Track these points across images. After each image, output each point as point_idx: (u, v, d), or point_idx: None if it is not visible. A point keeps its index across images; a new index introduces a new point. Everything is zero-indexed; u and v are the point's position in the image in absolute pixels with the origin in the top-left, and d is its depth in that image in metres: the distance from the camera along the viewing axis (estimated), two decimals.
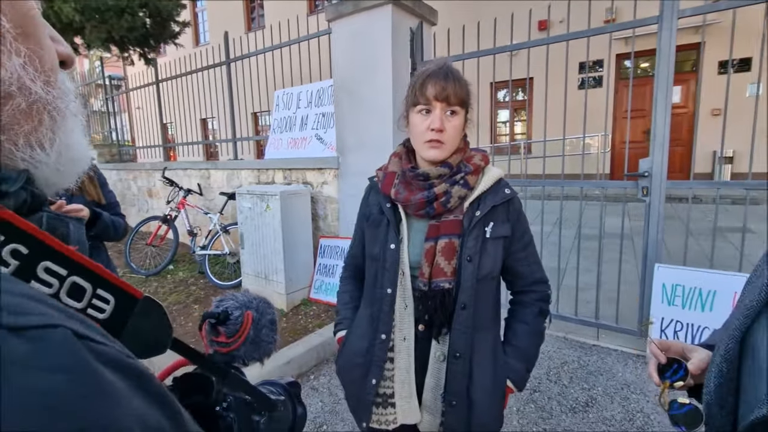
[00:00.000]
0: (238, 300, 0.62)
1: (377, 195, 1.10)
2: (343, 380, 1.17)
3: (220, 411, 0.52)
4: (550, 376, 2.46)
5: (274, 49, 4.14)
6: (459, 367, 1.00)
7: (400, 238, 1.03)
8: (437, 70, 0.98)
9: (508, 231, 1.03)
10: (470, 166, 1.02)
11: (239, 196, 3.63)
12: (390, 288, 1.02)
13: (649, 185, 2.38)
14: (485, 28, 3.06)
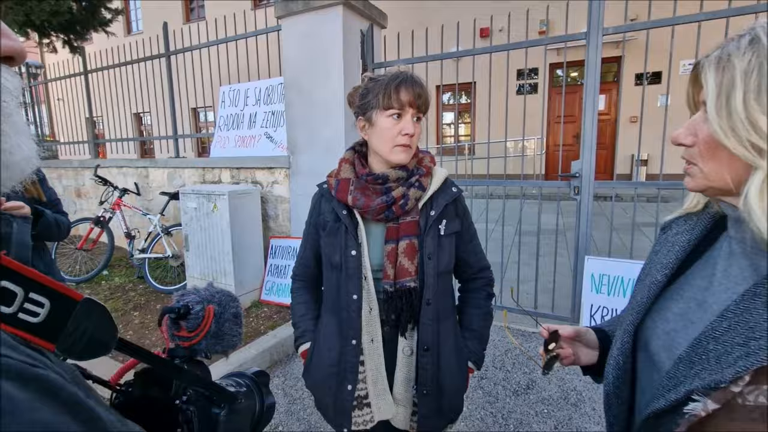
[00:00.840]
0: (200, 294, 0.63)
1: (329, 202, 1.10)
2: (316, 392, 1.16)
3: (179, 404, 0.53)
4: (495, 364, 2.64)
5: (220, 44, 3.99)
6: (428, 359, 1.06)
7: (360, 243, 1.04)
8: (407, 77, 1.00)
9: (459, 226, 1.11)
10: (423, 168, 1.07)
11: (183, 196, 3.47)
12: (356, 294, 1.04)
13: (580, 185, 2.63)
14: (432, 33, 3.19)
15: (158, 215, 4.01)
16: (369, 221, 1.07)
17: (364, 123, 1.05)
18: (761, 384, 0.47)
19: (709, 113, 0.52)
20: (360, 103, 1.05)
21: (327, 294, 1.15)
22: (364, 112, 1.04)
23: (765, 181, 0.48)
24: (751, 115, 0.48)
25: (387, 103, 0.99)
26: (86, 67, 5.41)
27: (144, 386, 0.54)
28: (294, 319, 1.22)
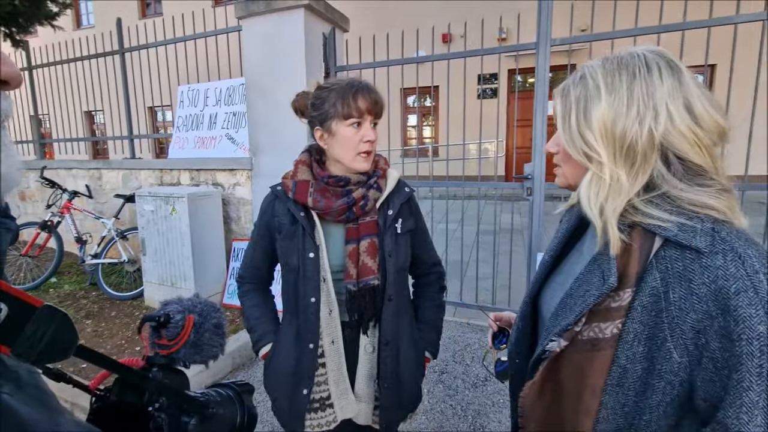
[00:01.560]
0: (183, 304, 0.64)
1: (284, 204, 1.09)
2: (273, 395, 1.16)
3: (152, 411, 0.54)
4: (455, 358, 2.74)
5: (178, 42, 3.89)
6: (389, 353, 1.10)
7: (318, 245, 1.05)
8: (361, 85, 1.02)
9: (414, 224, 1.17)
10: (379, 170, 1.12)
11: (140, 199, 3.36)
12: (314, 297, 1.04)
13: (532, 186, 2.78)
14: (395, 37, 3.27)
15: (112, 219, 3.85)
16: (327, 223, 1.08)
17: (323, 133, 1.05)
18: (591, 323, 0.64)
19: (558, 130, 0.69)
20: (316, 113, 1.04)
21: (285, 297, 1.14)
22: (322, 122, 1.03)
23: (591, 178, 0.64)
24: (581, 131, 0.64)
25: (347, 112, 0.99)
26: (30, 62, 5.10)
27: (120, 392, 0.55)
28: (249, 323, 1.18)
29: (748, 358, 0.51)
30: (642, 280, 0.60)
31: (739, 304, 0.52)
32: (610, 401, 0.63)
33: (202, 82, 4.00)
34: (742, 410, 0.52)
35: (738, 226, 0.59)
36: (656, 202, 0.60)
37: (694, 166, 0.60)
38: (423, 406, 2.29)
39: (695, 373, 0.57)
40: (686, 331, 0.56)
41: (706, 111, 0.60)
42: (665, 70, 0.61)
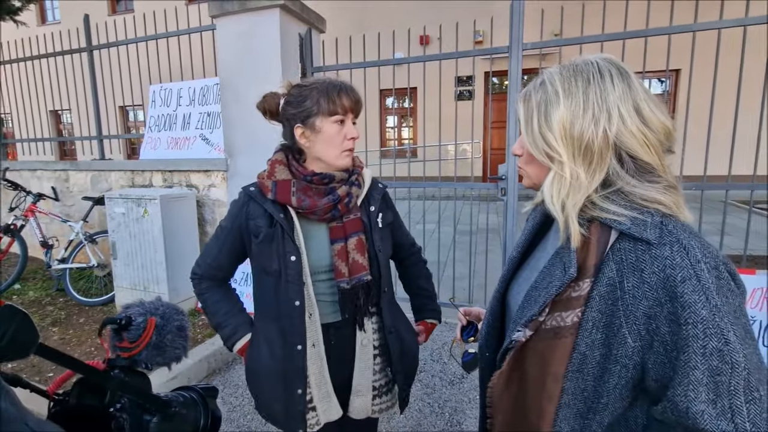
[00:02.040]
0: (145, 307, 0.65)
1: (259, 206, 1.06)
2: (262, 399, 1.14)
3: (113, 412, 0.55)
4: (433, 357, 2.77)
5: (149, 40, 3.80)
6: (395, 339, 1.14)
7: (299, 247, 1.03)
8: (343, 84, 1.03)
9: (392, 217, 1.21)
10: (357, 168, 1.13)
11: (110, 201, 3.26)
12: (297, 300, 1.03)
13: (506, 186, 2.84)
14: (373, 39, 3.29)
15: (81, 222, 3.72)
16: (306, 223, 1.07)
17: (305, 130, 1.03)
18: (554, 312, 0.67)
19: (522, 130, 0.72)
20: (296, 111, 1.03)
21: (261, 301, 1.11)
22: (304, 119, 1.02)
23: (553, 177, 0.68)
24: (543, 133, 0.68)
25: (332, 109, 1.00)
26: None
27: (80, 395, 0.55)
28: (216, 319, 1.15)
29: (693, 340, 0.55)
30: (600, 271, 0.64)
31: (685, 291, 0.56)
32: (571, 386, 0.66)
33: (175, 81, 3.91)
34: (689, 388, 0.56)
35: (683, 220, 0.64)
36: (612, 198, 0.64)
37: (644, 164, 0.64)
38: None
39: (647, 356, 0.60)
40: (639, 318, 0.60)
41: (652, 113, 0.64)
42: (616, 76, 0.65)
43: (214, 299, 1.16)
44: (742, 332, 0.56)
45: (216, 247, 1.15)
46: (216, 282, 1.18)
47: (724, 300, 0.56)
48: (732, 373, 0.54)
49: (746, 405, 0.54)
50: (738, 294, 0.59)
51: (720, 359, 0.54)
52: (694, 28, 2.37)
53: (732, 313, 0.56)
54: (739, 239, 3.26)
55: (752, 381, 0.54)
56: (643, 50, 2.51)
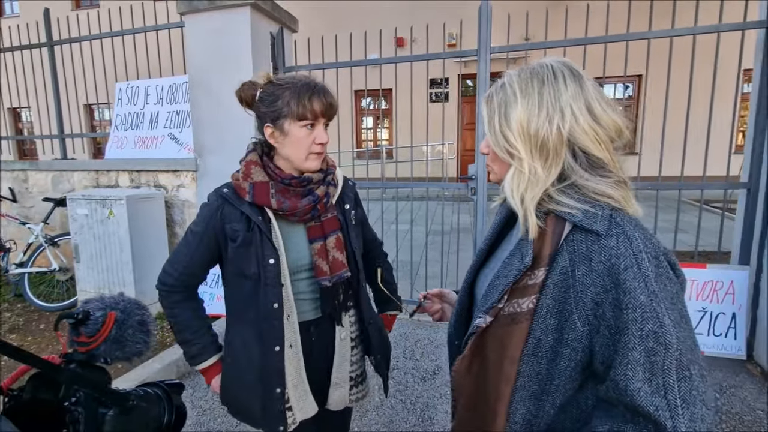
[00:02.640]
0: (104, 301, 0.64)
1: (235, 209, 1.03)
2: (239, 402, 1.11)
3: (68, 405, 0.54)
4: (405, 354, 2.80)
5: (115, 36, 3.68)
6: (375, 330, 1.20)
7: (277, 249, 1.02)
8: (317, 87, 1.01)
9: (362, 214, 1.25)
10: (331, 167, 1.14)
11: (72, 202, 3.14)
12: (276, 302, 1.02)
13: (476, 186, 2.91)
14: (344, 39, 3.30)
15: (41, 224, 3.56)
16: (284, 224, 1.07)
17: (274, 131, 1.03)
18: (512, 299, 0.71)
19: (486, 130, 0.76)
20: (267, 110, 1.02)
21: (236, 305, 1.09)
22: (274, 120, 1.01)
23: (513, 173, 0.72)
24: (503, 132, 0.72)
25: (301, 114, 0.98)
26: None
27: (35, 390, 0.55)
28: (185, 336, 1.11)
29: (632, 323, 0.59)
30: (554, 260, 0.68)
31: (626, 278, 0.61)
32: (526, 369, 0.70)
33: (142, 78, 3.81)
34: (628, 367, 0.60)
35: (631, 213, 0.69)
36: (567, 191, 0.68)
37: (596, 160, 0.69)
38: (373, 403, 2.33)
39: (595, 340, 0.65)
40: (587, 304, 0.64)
41: (603, 111, 0.69)
42: (569, 77, 0.70)
43: (185, 316, 1.12)
44: (677, 316, 0.61)
45: (187, 253, 1.09)
46: (187, 293, 1.13)
47: (662, 287, 0.61)
48: (666, 353, 0.58)
49: (678, 383, 0.58)
50: (676, 282, 0.64)
51: (655, 341, 0.58)
52: (649, 35, 2.51)
53: (669, 299, 0.61)
54: (693, 236, 3.45)
55: (684, 361, 0.59)
56: (602, 55, 2.63)
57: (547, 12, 2.71)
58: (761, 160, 2.49)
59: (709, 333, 2.58)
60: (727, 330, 2.55)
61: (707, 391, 0.59)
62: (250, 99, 1.06)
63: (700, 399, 0.58)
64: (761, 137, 2.47)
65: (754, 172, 2.52)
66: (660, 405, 0.58)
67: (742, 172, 2.64)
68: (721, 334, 2.56)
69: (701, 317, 2.59)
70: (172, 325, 1.13)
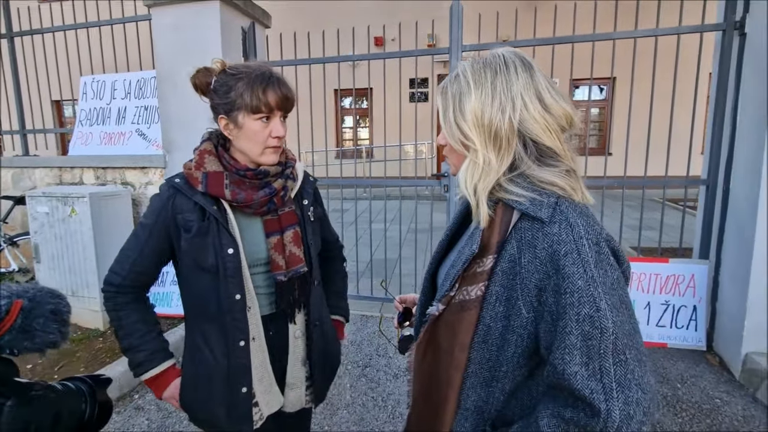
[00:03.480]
0: (11, 290, 0.61)
1: (187, 199, 0.99)
2: (201, 407, 1.06)
3: None
4: (379, 352, 2.80)
5: (80, 28, 3.55)
6: (318, 333, 1.15)
7: (235, 239, 0.99)
8: (272, 78, 0.97)
9: (322, 211, 1.22)
10: (291, 160, 1.11)
11: (31, 200, 3.01)
12: (239, 294, 0.99)
13: (449, 183, 2.93)
14: (323, 36, 3.28)
15: None
16: (240, 216, 1.03)
17: (228, 122, 0.99)
18: (462, 287, 0.72)
19: (441, 124, 0.76)
20: (221, 101, 0.98)
21: (194, 300, 1.04)
22: (228, 111, 0.97)
23: (468, 163, 0.72)
24: (458, 123, 0.72)
25: (255, 106, 0.94)
26: None
27: None
28: (130, 342, 1.04)
29: (570, 308, 0.60)
30: (503, 248, 0.69)
31: (566, 263, 0.62)
32: (477, 356, 0.71)
33: (109, 73, 3.68)
34: (565, 351, 0.60)
35: (578, 201, 0.69)
36: (516, 180, 0.69)
37: (546, 149, 0.70)
38: (344, 401, 2.32)
39: (540, 326, 0.65)
40: (532, 290, 0.65)
41: (554, 100, 0.70)
42: (520, 67, 0.71)
43: (132, 319, 1.05)
44: (616, 301, 0.61)
45: (137, 248, 1.03)
46: (135, 295, 1.07)
47: (602, 273, 0.62)
48: (602, 337, 0.59)
49: (614, 367, 0.59)
50: (617, 269, 0.65)
51: (591, 324, 0.59)
52: (614, 36, 2.57)
53: (608, 285, 0.61)
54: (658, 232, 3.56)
55: (620, 345, 0.59)
56: (572, 55, 2.69)
57: (517, 12, 2.75)
58: (719, 158, 2.58)
59: (672, 325, 2.66)
60: (689, 322, 2.64)
61: (645, 375, 0.60)
62: (204, 86, 1.02)
63: (636, 383, 0.59)
64: (719, 136, 2.57)
65: (712, 169, 2.61)
66: (595, 388, 0.58)
67: (702, 168, 2.74)
68: (683, 326, 2.65)
69: (665, 310, 2.67)
70: (116, 329, 1.05)
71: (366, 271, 4.11)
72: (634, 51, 2.62)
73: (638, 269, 2.68)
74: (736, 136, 2.46)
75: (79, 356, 2.65)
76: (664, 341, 2.66)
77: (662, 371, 2.48)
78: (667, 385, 2.36)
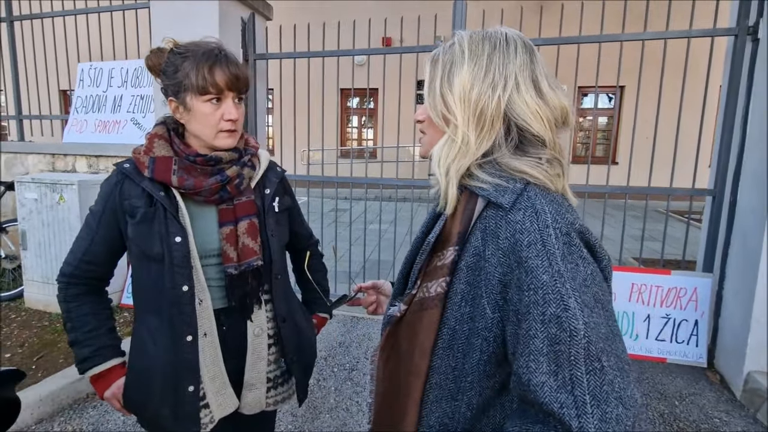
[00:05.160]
0: None
1: (135, 185, 0.94)
2: (145, 408, 0.99)
3: None
4: (366, 355, 2.71)
5: (79, 14, 3.51)
6: (289, 329, 1.09)
7: (184, 227, 0.93)
8: (219, 55, 0.91)
9: (290, 202, 1.14)
10: (251, 148, 1.05)
11: (20, 186, 2.96)
12: (186, 285, 0.93)
13: None
14: (316, 33, 3.22)
15: None
16: (192, 204, 0.97)
17: (177, 105, 0.93)
18: (423, 283, 0.66)
19: (424, 93, 0.69)
20: (169, 82, 0.92)
21: (142, 292, 0.99)
22: (176, 93, 0.92)
23: (446, 140, 0.65)
24: (443, 94, 0.65)
25: (202, 87, 0.88)
26: None
27: None
28: (76, 335, 0.98)
29: (534, 307, 0.52)
30: (467, 241, 0.62)
31: (529, 255, 0.54)
32: (441, 364, 0.63)
33: (107, 60, 3.64)
34: (530, 358, 0.52)
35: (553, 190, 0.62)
36: (484, 167, 0.63)
37: (532, 137, 0.63)
38: (328, 404, 2.24)
39: (506, 328, 0.57)
40: (495, 286, 0.58)
41: (550, 89, 0.63)
42: (521, 47, 0.64)
43: (82, 311, 0.99)
44: (590, 300, 0.52)
45: (87, 237, 0.98)
46: (89, 287, 1.01)
47: (572, 267, 0.53)
48: (571, 341, 0.49)
49: (587, 376, 0.49)
50: (591, 262, 0.56)
51: (558, 326, 0.50)
52: (622, 38, 2.49)
53: (579, 280, 0.53)
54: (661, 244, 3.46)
55: (593, 350, 0.49)
56: (577, 56, 2.61)
57: (522, 11, 2.68)
58: (726, 168, 2.49)
59: (672, 340, 2.57)
60: (690, 337, 2.54)
61: (627, 387, 0.50)
62: (157, 68, 0.96)
63: (616, 396, 0.48)
64: (728, 145, 2.48)
65: (719, 179, 2.52)
66: (565, 402, 0.49)
67: (709, 179, 2.65)
68: (683, 341, 2.55)
69: (665, 323, 2.58)
70: (64, 322, 0.99)
71: (360, 273, 4.04)
72: (642, 55, 2.54)
73: (639, 281, 2.58)
74: (745, 146, 2.37)
75: (60, 347, 2.58)
76: (663, 356, 2.56)
77: (660, 387, 2.39)
78: (664, 402, 2.26)
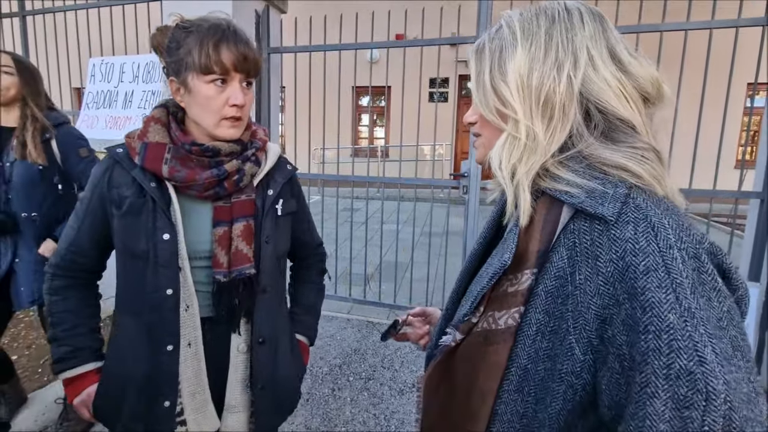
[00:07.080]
0: None
1: (127, 172, 0.85)
2: (116, 421, 0.90)
3: None
4: (384, 363, 2.58)
5: (91, 8, 3.45)
6: (264, 353, 0.94)
7: (174, 224, 0.85)
8: (227, 32, 0.80)
9: (295, 206, 1.02)
10: (258, 141, 0.94)
11: None
12: (170, 288, 0.84)
13: (468, 184, 2.70)
14: (343, 23, 3.10)
15: None
16: (187, 198, 0.88)
17: (179, 86, 0.84)
18: (488, 312, 0.55)
19: (471, 90, 0.58)
20: (170, 60, 0.83)
21: (124, 291, 0.91)
22: (177, 72, 0.82)
23: (505, 139, 0.54)
24: (495, 86, 0.54)
25: (205, 66, 0.79)
26: None
27: None
28: (54, 332, 0.91)
29: (654, 356, 0.39)
30: (547, 260, 0.50)
31: (647, 286, 0.41)
32: (507, 411, 0.52)
33: (118, 55, 3.56)
34: (645, 423, 0.39)
35: (661, 194, 0.48)
36: (568, 164, 0.50)
37: (619, 123, 0.49)
38: (344, 417, 2.11)
39: (600, 374, 0.45)
40: (590, 321, 0.45)
41: (633, 57, 0.50)
42: (587, 15, 0.52)
43: (64, 306, 0.92)
44: (728, 348, 0.39)
45: (74, 225, 0.91)
46: (75, 279, 0.93)
47: (704, 302, 0.40)
48: (707, 407, 0.37)
49: None
50: (728, 296, 0.42)
51: (690, 385, 0.37)
52: (639, 29, 2.33)
53: (714, 321, 0.40)
54: None
55: (735, 419, 0.37)
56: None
57: None
58: None
59: None
60: None
61: None
62: (163, 46, 0.86)
63: None
64: None
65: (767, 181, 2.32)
66: None
67: (755, 181, 2.45)
68: None
69: None
70: (47, 316, 0.93)
71: (375, 274, 3.90)
72: (660, 47, 2.34)
73: None
74: None
75: None
76: None
77: None
78: None
